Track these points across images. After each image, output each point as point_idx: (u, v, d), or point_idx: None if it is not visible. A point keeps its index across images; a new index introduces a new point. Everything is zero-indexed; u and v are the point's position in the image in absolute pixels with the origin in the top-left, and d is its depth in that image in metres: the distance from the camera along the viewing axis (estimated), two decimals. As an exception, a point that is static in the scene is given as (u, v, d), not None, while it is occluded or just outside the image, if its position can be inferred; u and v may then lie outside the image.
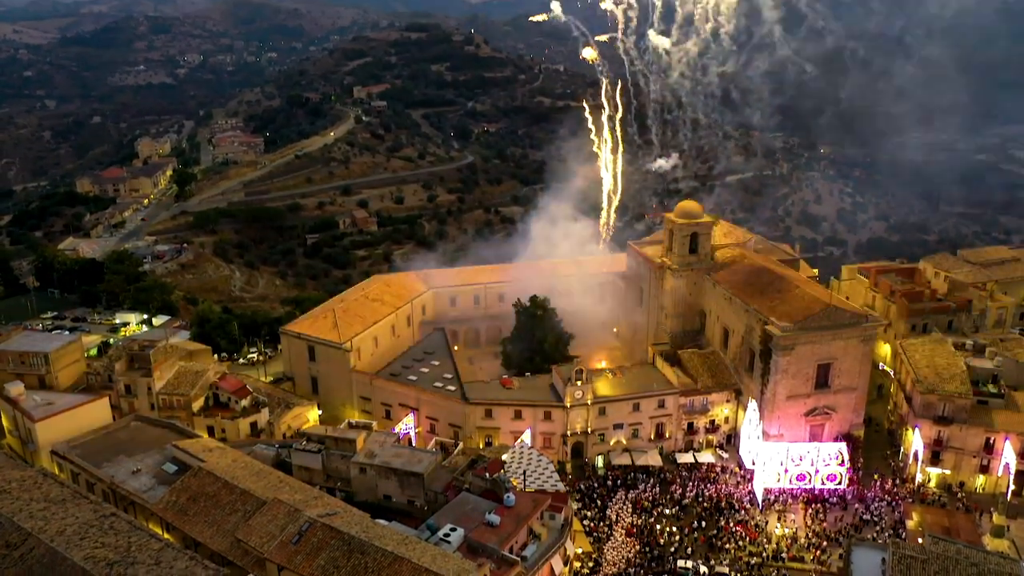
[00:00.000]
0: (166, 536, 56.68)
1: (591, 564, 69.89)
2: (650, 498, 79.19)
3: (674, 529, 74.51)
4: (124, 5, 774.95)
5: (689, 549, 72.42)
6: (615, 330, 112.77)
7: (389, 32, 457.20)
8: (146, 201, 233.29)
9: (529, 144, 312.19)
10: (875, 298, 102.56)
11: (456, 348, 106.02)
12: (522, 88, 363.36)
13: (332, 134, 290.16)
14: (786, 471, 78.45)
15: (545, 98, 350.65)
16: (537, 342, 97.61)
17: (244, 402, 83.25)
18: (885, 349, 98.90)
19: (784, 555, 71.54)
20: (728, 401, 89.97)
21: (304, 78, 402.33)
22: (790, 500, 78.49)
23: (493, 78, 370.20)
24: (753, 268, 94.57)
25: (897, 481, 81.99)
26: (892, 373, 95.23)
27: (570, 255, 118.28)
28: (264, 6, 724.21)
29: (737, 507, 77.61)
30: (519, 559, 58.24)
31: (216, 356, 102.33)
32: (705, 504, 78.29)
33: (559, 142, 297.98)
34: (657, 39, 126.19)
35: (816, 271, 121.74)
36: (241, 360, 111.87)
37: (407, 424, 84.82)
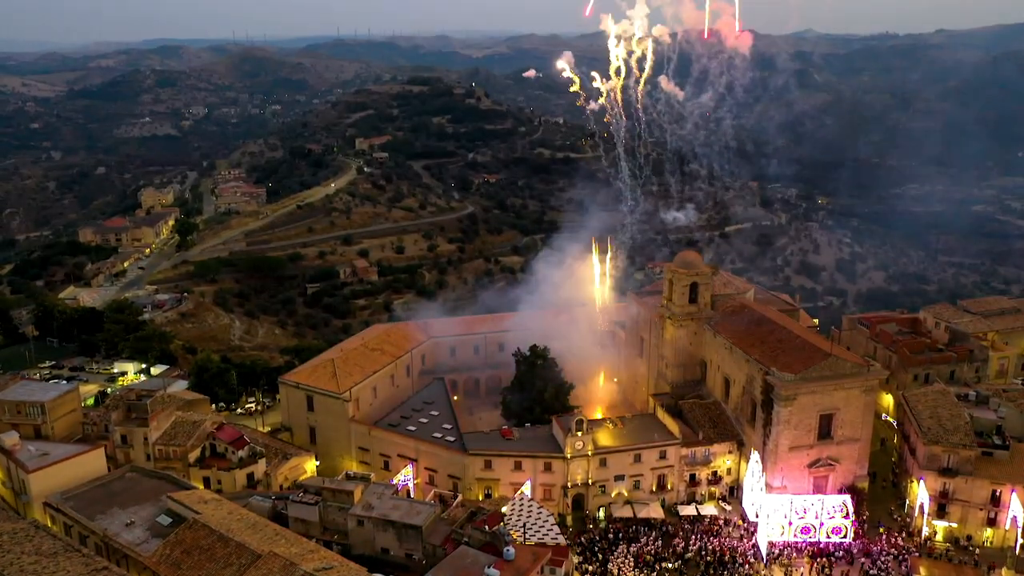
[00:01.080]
0: (158, 591, 55.60)
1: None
2: (652, 552, 77.82)
3: (677, 584, 73.18)
4: (132, 59, 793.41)
5: (692, 605, 71.06)
6: (615, 380, 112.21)
7: (391, 85, 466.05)
8: (148, 251, 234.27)
9: (529, 195, 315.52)
10: (876, 348, 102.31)
11: (455, 398, 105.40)
12: (522, 140, 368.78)
13: (334, 185, 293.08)
14: (790, 524, 77.42)
15: (545, 149, 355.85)
16: (537, 392, 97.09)
17: (241, 453, 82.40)
18: (888, 400, 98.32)
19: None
20: (730, 452, 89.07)
21: (307, 130, 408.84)
22: (795, 554, 77.13)
23: (493, 130, 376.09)
24: (754, 318, 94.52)
25: (904, 534, 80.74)
26: (895, 424, 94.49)
27: (571, 304, 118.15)
28: (268, 60, 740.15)
29: (741, 561, 76.15)
30: (519, 615, 56.98)
31: (214, 406, 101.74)
32: (708, 558, 76.88)
33: (559, 192, 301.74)
34: (669, 88, 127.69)
35: (816, 321, 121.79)
36: (239, 410, 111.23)
37: (405, 475, 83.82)
